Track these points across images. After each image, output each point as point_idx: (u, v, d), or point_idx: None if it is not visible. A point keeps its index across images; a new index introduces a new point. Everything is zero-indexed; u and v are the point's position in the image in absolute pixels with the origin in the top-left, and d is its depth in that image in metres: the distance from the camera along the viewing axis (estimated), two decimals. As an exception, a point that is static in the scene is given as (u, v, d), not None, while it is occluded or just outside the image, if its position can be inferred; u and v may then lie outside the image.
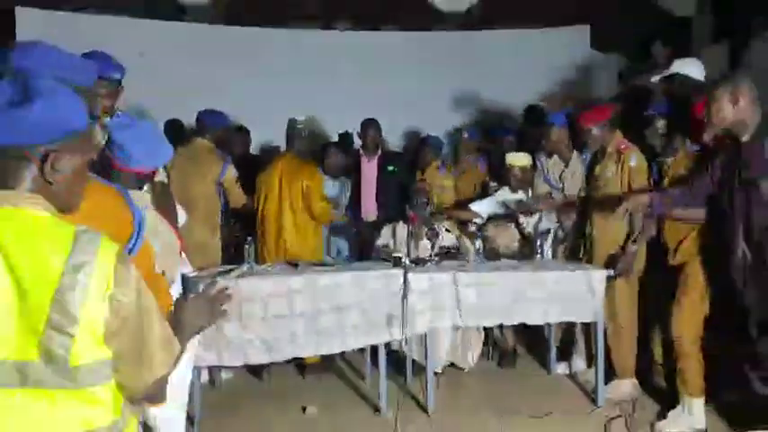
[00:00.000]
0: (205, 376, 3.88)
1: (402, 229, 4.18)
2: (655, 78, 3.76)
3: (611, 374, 3.64)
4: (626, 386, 3.63)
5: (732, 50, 4.84)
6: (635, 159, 3.59)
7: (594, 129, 3.71)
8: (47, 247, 1.05)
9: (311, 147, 4.31)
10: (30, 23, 5.14)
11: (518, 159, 4.24)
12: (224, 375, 4.04)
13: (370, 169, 4.73)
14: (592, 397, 3.60)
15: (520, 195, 4.26)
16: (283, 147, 4.40)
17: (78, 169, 1.16)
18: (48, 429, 1.05)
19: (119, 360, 1.10)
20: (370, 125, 4.69)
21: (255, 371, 4.01)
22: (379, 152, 4.76)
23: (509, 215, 4.26)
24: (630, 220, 3.55)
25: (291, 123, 4.22)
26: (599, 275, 3.52)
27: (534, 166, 4.36)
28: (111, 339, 1.08)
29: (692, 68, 3.63)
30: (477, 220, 4.30)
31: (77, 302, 1.03)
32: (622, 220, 3.51)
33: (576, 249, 3.96)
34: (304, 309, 3.30)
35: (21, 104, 1.08)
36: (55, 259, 1.04)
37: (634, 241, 3.50)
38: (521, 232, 4.25)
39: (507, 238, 4.25)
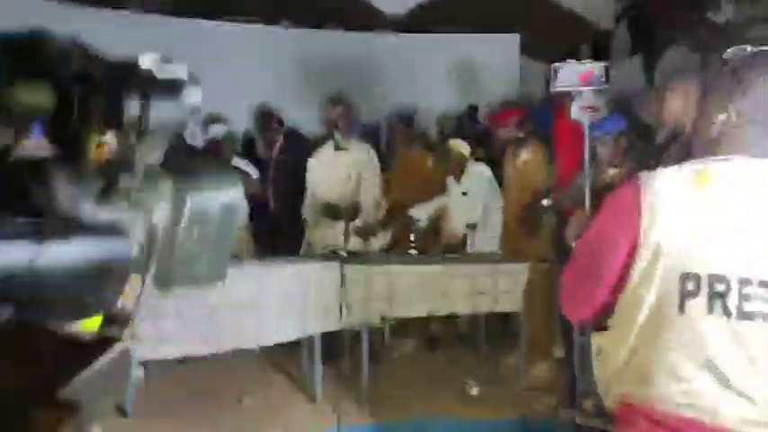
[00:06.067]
0: (140, 373, 3.92)
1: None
2: None
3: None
4: (543, 368, 3.92)
5: (645, 61, 5.27)
6: (524, 154, 3.84)
7: (501, 131, 3.97)
8: None
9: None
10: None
11: (458, 145, 4.43)
12: (158, 370, 4.06)
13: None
14: (515, 378, 3.87)
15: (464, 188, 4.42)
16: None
17: None
18: None
19: None
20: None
21: (189, 364, 4.06)
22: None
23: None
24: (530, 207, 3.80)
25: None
26: (520, 268, 3.80)
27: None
28: None
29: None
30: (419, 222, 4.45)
31: None
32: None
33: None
34: (245, 301, 3.37)
35: None
36: None
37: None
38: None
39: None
